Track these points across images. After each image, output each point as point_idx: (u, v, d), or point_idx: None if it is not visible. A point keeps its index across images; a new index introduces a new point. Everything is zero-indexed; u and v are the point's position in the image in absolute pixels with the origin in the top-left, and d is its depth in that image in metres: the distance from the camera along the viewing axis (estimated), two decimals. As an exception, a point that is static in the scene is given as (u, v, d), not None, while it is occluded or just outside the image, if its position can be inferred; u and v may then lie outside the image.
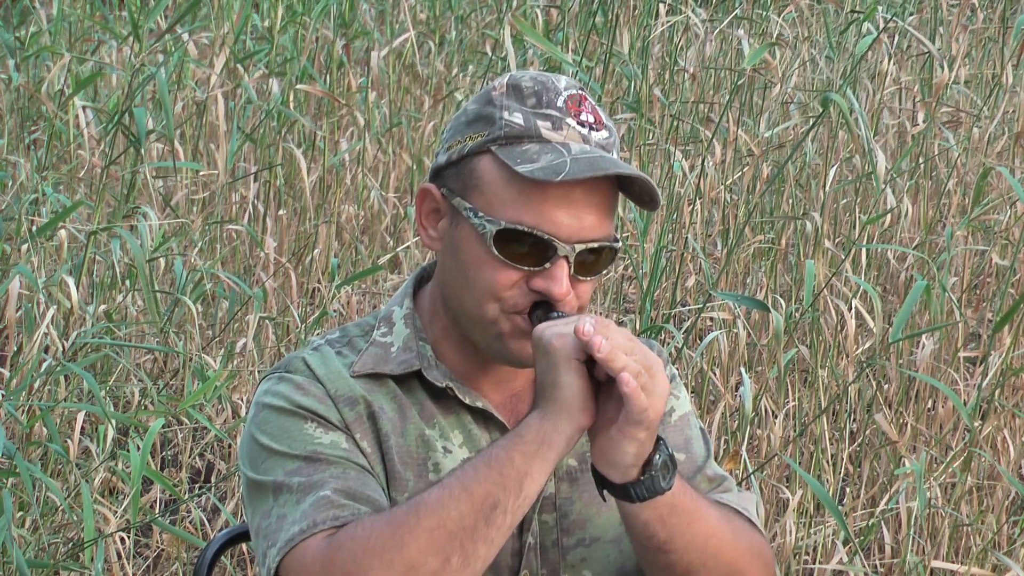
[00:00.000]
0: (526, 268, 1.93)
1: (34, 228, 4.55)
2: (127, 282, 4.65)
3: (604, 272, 1.98)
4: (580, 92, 1.97)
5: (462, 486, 1.84)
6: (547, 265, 1.92)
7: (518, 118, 1.94)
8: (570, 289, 1.93)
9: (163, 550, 4.14)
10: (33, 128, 5.88)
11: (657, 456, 1.89)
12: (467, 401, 2.02)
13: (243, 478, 2.01)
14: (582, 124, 1.95)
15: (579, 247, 1.92)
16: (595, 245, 1.94)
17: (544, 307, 1.93)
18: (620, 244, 1.98)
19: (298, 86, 5.31)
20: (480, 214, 1.93)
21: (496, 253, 1.92)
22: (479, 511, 1.83)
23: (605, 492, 1.92)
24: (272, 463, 1.96)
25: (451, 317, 2.01)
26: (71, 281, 4.22)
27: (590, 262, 1.95)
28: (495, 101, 1.96)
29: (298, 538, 1.88)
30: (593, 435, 1.89)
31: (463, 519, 1.82)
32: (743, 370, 4.06)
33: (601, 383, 1.86)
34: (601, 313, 5.20)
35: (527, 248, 1.92)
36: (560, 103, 1.95)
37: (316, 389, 1.99)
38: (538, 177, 1.88)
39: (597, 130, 1.96)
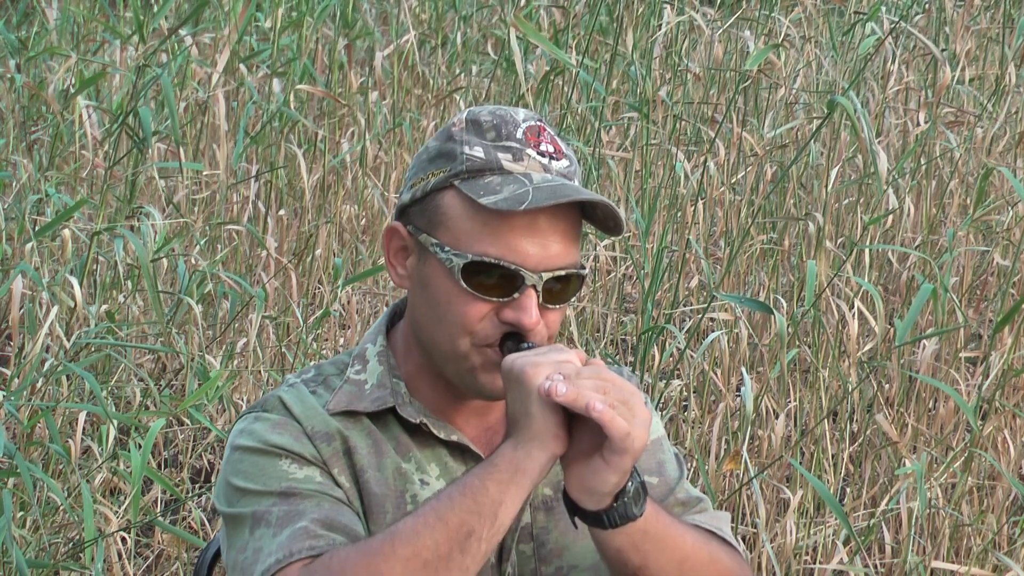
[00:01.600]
0: (495, 299, 1.93)
1: (36, 228, 4.56)
2: (129, 282, 4.65)
3: (572, 300, 1.99)
4: (539, 123, 1.98)
5: (437, 515, 1.84)
6: (516, 295, 1.93)
7: (479, 151, 1.95)
8: (540, 319, 1.94)
9: (163, 550, 4.14)
10: (34, 128, 5.89)
11: (629, 483, 1.89)
12: (442, 436, 2.02)
13: (220, 516, 2.02)
14: (542, 154, 1.96)
15: (546, 275, 1.93)
16: (562, 273, 1.94)
17: (514, 338, 1.93)
18: (587, 271, 1.99)
19: (298, 86, 5.32)
20: (447, 249, 1.94)
21: (464, 286, 1.93)
22: (454, 540, 1.83)
23: (576, 519, 1.92)
24: (247, 501, 1.96)
25: (423, 353, 2.02)
26: (75, 281, 4.23)
27: (558, 290, 1.95)
28: (455, 136, 1.97)
29: (274, 568, 1.88)
30: (568, 463, 1.89)
31: (438, 548, 1.83)
32: (744, 370, 4.06)
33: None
34: (602, 313, 5.21)
35: (495, 279, 1.93)
36: (519, 135, 1.96)
37: (292, 427, 1.99)
38: (502, 208, 1.89)
39: (557, 159, 1.97)
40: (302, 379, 2.07)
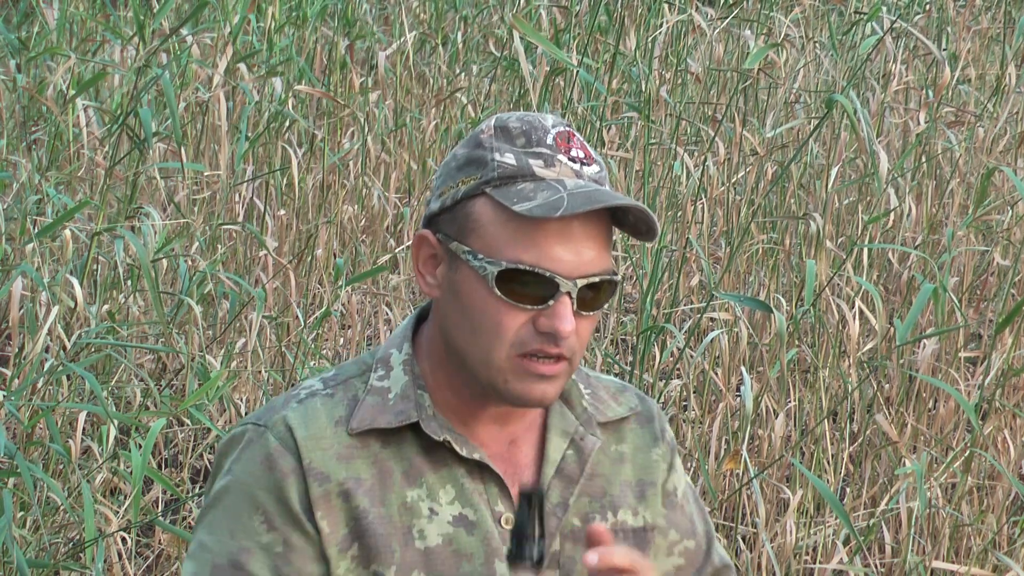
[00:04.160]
0: (530, 307, 1.90)
1: (36, 229, 4.56)
2: (129, 282, 4.66)
3: (604, 307, 1.97)
4: (568, 129, 1.95)
5: None
6: (551, 303, 1.90)
7: (510, 158, 1.92)
8: (575, 326, 1.91)
9: (164, 550, 4.15)
10: (34, 128, 5.89)
11: None
12: (464, 453, 1.97)
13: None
14: (573, 160, 1.93)
15: (580, 282, 1.90)
16: (596, 279, 1.91)
17: (515, 539, 1.87)
18: (619, 277, 1.96)
19: (297, 87, 5.32)
20: (480, 256, 1.91)
21: (499, 294, 1.90)
22: None
23: None
24: (209, 536, 1.97)
25: (455, 363, 1.98)
26: (75, 281, 4.24)
27: (591, 297, 1.92)
28: (484, 144, 1.94)
29: None
30: None
31: None
32: (744, 370, 4.06)
33: None
34: (603, 313, 5.21)
35: (530, 287, 1.89)
36: (549, 140, 1.93)
37: (284, 463, 1.95)
38: (537, 215, 1.86)
39: (588, 164, 1.94)
40: (321, 378, 2.03)
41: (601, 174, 1.95)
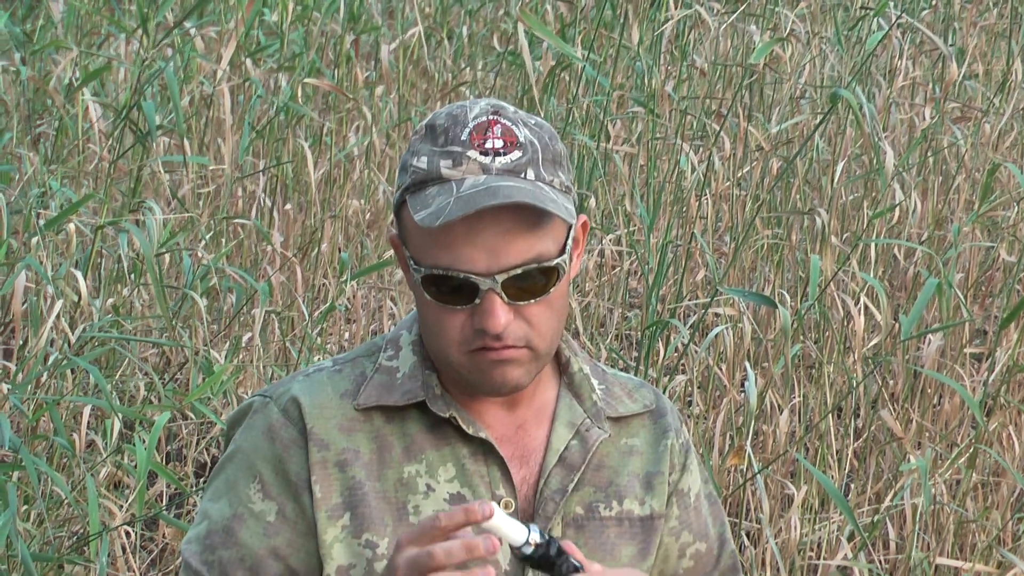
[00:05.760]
0: (460, 307, 1.90)
1: (41, 222, 4.56)
2: (132, 276, 4.66)
3: (550, 291, 1.91)
4: (490, 118, 1.91)
5: None
6: (477, 301, 1.89)
7: (423, 162, 1.91)
8: (509, 320, 1.89)
9: (168, 544, 4.15)
10: (39, 122, 5.89)
11: None
12: (470, 431, 1.97)
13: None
14: (486, 153, 1.89)
15: (501, 277, 1.87)
16: (518, 271, 1.88)
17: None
18: (558, 260, 1.91)
19: (306, 80, 5.31)
20: (411, 261, 1.92)
21: (429, 298, 1.91)
22: None
23: None
24: (210, 503, 2.00)
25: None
26: (79, 274, 4.24)
27: (528, 285, 1.90)
28: (412, 147, 1.94)
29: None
30: None
31: None
32: (748, 365, 4.05)
33: None
34: (607, 308, 5.20)
35: (453, 289, 1.89)
36: (464, 136, 1.90)
37: (286, 434, 1.98)
38: (425, 224, 1.85)
39: (505, 154, 1.90)
40: (332, 358, 2.05)
41: (521, 160, 1.90)
